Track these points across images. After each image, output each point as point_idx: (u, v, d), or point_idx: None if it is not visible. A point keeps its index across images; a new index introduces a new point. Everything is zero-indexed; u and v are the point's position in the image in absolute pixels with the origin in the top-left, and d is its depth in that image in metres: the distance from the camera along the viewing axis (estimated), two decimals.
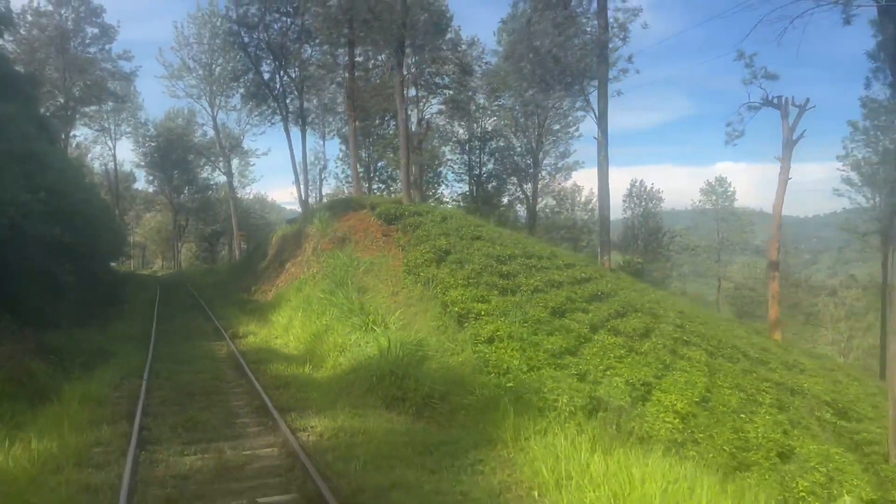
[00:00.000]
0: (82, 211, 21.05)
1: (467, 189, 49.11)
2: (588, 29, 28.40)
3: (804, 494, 9.34)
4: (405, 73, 30.62)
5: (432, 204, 37.31)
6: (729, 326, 22.39)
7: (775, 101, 27.46)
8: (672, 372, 12.96)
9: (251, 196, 76.73)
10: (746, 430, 11.11)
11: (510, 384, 10.28)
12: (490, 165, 48.43)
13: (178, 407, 10.15)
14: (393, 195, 39.94)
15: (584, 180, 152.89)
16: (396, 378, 10.47)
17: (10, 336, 12.02)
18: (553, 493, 6.52)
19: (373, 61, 37.56)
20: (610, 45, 27.44)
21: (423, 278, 16.09)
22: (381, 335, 12.71)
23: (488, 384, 10.38)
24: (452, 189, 50.43)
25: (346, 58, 34.15)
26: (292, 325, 17.98)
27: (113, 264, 37.58)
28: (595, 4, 27.39)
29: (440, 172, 48.98)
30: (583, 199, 56.33)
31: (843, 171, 36.67)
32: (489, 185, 48.68)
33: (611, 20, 27.04)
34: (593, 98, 28.23)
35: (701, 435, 10.39)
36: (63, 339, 14.20)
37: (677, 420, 10.52)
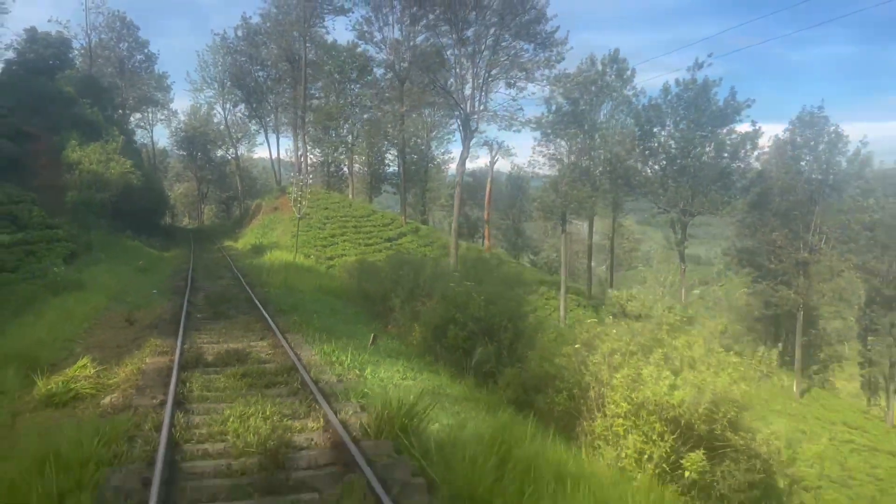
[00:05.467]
0: (150, 185, 52.50)
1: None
2: None
3: None
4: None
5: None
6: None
7: None
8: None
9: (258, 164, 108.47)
10: None
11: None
12: None
13: (208, 278, 39.94)
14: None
15: None
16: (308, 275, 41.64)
17: (133, 236, 43.84)
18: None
19: (317, 98, 68.50)
20: None
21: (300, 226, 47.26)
22: (284, 251, 43.90)
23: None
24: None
25: (302, 94, 64.95)
26: (249, 240, 49.39)
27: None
28: None
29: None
30: None
31: None
32: None
33: None
34: None
35: None
36: (156, 244, 45.78)
37: None
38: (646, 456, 9.55)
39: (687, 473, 9.35)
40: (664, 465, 9.51)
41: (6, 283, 30.24)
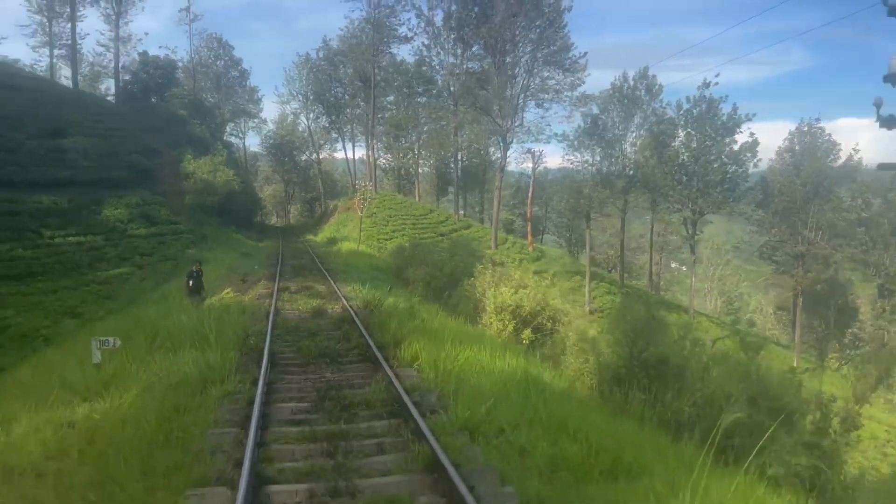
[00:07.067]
0: (247, 189, 65.33)
1: None
2: None
3: None
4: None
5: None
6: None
7: None
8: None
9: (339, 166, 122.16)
10: None
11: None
12: None
13: (292, 258, 52.17)
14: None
15: None
16: (364, 258, 53.32)
17: (236, 230, 56.41)
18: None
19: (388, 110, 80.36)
20: None
21: (367, 222, 58.87)
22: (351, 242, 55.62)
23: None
24: None
25: (371, 107, 76.87)
26: (326, 234, 61.37)
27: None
28: None
29: None
30: None
31: None
32: None
33: None
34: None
35: None
36: (252, 237, 58.28)
37: None
38: (504, 331, 19.85)
39: (525, 340, 19.56)
40: (512, 336, 19.80)
41: (148, 264, 43.38)
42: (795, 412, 10.94)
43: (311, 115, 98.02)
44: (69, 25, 71.99)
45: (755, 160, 52.04)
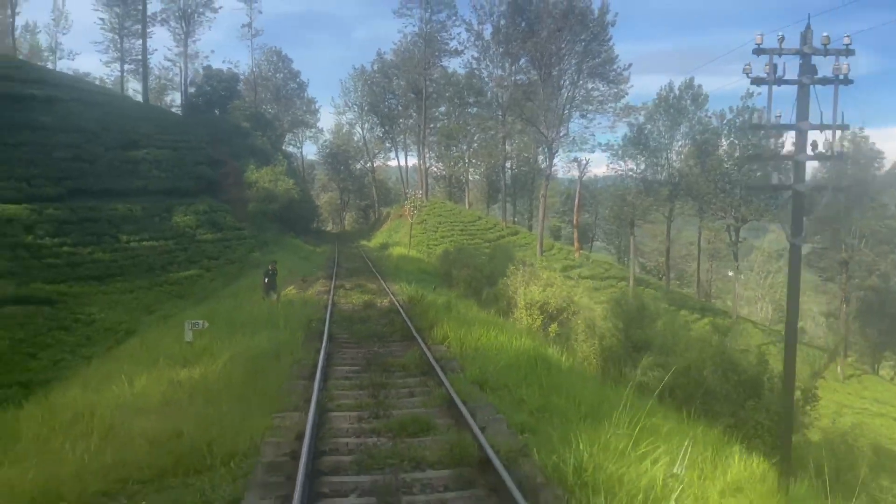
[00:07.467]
0: (304, 197, 69.24)
1: None
2: None
3: None
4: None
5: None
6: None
7: None
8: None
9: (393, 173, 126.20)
10: None
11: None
12: None
13: (347, 262, 55.76)
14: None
15: None
16: (413, 261, 56.60)
17: (295, 236, 60.22)
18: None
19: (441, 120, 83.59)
20: None
21: (417, 228, 61.99)
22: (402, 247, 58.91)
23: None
24: None
25: (423, 117, 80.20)
26: (379, 240, 64.78)
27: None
28: None
29: None
30: None
31: None
32: None
33: None
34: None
35: None
36: (310, 242, 62.04)
37: None
38: (532, 324, 22.42)
39: (551, 333, 22.11)
40: (540, 329, 22.36)
41: (215, 266, 47.31)
42: (762, 386, 13.26)
43: (366, 126, 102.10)
44: (139, 42, 77.62)
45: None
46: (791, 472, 10.37)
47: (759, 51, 12.88)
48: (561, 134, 57.42)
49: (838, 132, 12.96)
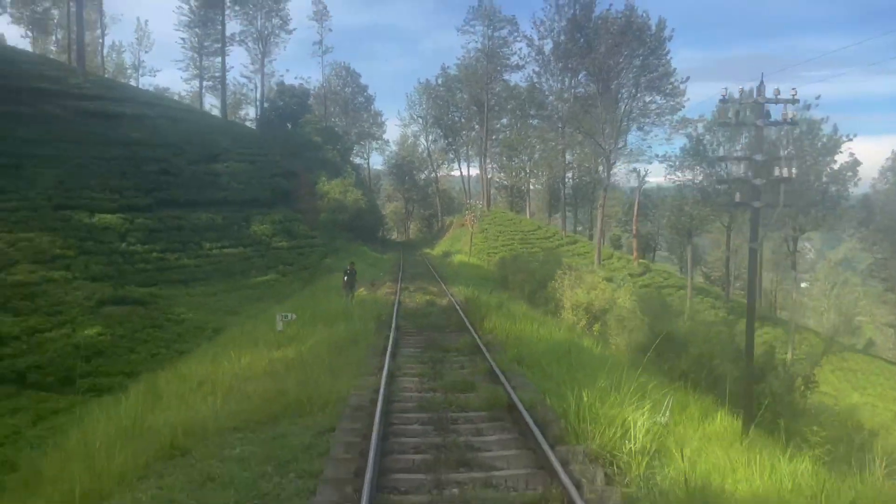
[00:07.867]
0: (371, 207, 72.99)
1: None
2: None
3: None
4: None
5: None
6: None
7: None
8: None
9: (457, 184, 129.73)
10: None
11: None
12: None
13: (411, 267, 58.94)
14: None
15: None
16: (472, 268, 59.58)
17: (362, 243, 63.86)
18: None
19: (502, 132, 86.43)
20: None
21: (478, 237, 64.86)
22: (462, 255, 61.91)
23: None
24: None
25: (485, 129, 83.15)
26: (441, 248, 67.88)
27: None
28: None
29: None
30: None
31: None
32: None
33: None
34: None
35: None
36: (377, 250, 65.61)
37: None
38: (578, 324, 24.92)
39: (595, 332, 24.57)
40: (585, 328, 24.86)
41: (290, 272, 51.16)
42: (768, 371, 15.59)
43: (430, 137, 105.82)
44: (216, 60, 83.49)
45: (856, 179, 53.70)
46: (755, 424, 12.67)
47: (723, 101, 15.29)
48: (619, 146, 59.39)
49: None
